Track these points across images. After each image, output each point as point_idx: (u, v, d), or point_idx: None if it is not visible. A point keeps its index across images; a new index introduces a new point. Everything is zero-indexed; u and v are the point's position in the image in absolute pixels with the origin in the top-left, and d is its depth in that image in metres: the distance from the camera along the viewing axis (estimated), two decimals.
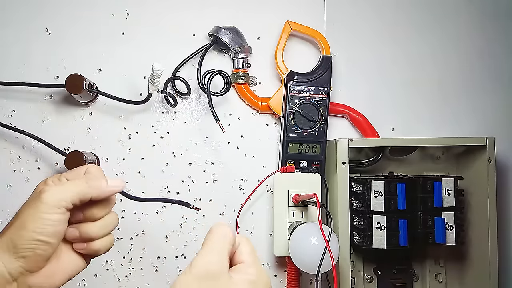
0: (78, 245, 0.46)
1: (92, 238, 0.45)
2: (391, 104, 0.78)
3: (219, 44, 0.74)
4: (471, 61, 0.80)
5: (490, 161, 0.68)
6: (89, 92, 0.67)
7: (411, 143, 0.70)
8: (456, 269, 0.75)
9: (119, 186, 0.46)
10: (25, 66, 0.72)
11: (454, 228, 0.68)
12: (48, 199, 0.42)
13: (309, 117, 0.71)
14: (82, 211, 0.45)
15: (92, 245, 0.46)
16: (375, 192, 0.66)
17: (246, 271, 0.40)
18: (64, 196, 0.42)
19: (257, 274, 0.40)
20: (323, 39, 0.73)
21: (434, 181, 0.68)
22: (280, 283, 0.75)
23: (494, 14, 0.80)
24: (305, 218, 0.68)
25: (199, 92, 0.74)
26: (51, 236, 0.41)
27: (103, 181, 0.45)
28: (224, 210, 0.74)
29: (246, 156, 0.75)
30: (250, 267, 0.41)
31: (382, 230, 0.66)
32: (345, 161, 0.67)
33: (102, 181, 0.45)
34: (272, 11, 0.76)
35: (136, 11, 0.74)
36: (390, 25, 0.79)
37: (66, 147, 0.72)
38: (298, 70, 0.72)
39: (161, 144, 0.74)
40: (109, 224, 0.47)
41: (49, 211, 0.41)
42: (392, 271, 0.73)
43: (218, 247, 0.41)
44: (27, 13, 0.72)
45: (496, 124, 0.79)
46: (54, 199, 0.42)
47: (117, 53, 0.73)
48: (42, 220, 0.41)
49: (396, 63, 0.79)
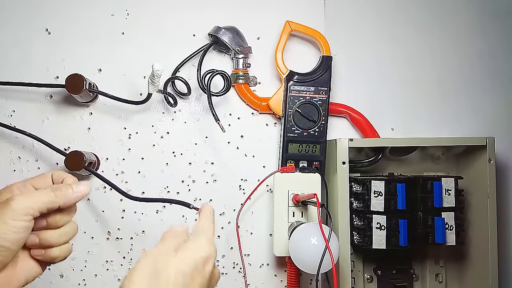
0: (36, 252, 0.46)
1: (52, 245, 0.45)
2: (391, 104, 0.78)
3: (219, 44, 0.74)
4: (471, 61, 0.80)
5: (490, 161, 0.68)
6: (89, 92, 0.67)
7: (411, 143, 0.70)
8: (456, 269, 0.74)
9: (85, 191, 0.46)
10: (25, 66, 0.72)
11: (454, 228, 0.68)
12: (17, 206, 0.42)
13: (309, 117, 0.71)
14: (46, 218, 0.45)
15: (50, 252, 0.46)
16: (375, 192, 0.66)
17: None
18: (32, 204, 0.42)
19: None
20: (323, 39, 0.73)
21: (434, 181, 0.68)
22: (280, 283, 0.75)
23: (493, 13, 0.80)
24: (305, 218, 0.68)
25: (199, 92, 0.74)
26: (13, 242, 0.41)
27: (69, 189, 0.45)
28: (224, 210, 0.74)
29: (246, 156, 0.75)
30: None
31: (382, 230, 0.66)
32: (345, 161, 0.67)
33: (68, 190, 0.45)
34: (272, 11, 0.76)
35: (136, 11, 0.74)
36: (390, 25, 0.79)
37: (66, 147, 0.72)
38: (298, 70, 0.72)
39: (161, 144, 0.74)
40: (69, 232, 0.47)
41: (16, 218, 0.41)
42: (392, 271, 0.73)
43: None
44: (27, 13, 0.72)
45: (496, 124, 0.79)
46: (22, 207, 0.42)
47: (117, 53, 0.73)
48: (7, 226, 0.41)
49: (396, 63, 0.79)
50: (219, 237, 0.74)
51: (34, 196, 0.44)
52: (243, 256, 0.72)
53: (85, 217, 0.72)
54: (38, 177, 0.49)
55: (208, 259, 0.42)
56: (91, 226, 0.72)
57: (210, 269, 0.42)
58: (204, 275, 0.41)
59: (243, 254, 0.73)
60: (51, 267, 0.70)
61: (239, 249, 0.72)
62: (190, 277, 0.40)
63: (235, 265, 0.74)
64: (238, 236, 0.72)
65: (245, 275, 0.72)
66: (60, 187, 0.45)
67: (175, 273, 0.39)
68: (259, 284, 0.74)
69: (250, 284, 0.73)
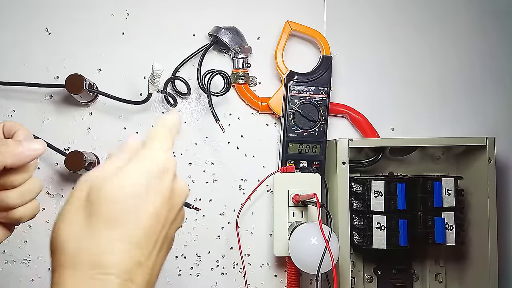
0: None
1: (12, 207, 0.40)
2: (391, 104, 0.78)
3: (219, 44, 0.74)
4: (471, 61, 0.80)
5: (490, 161, 0.68)
6: (89, 92, 0.67)
7: (411, 143, 0.70)
8: (456, 269, 0.74)
9: (39, 149, 0.40)
10: (25, 66, 0.72)
11: (454, 228, 0.68)
12: None
13: (309, 117, 0.71)
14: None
15: (13, 213, 0.41)
16: (375, 192, 0.66)
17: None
18: None
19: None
20: (323, 39, 0.73)
21: (434, 181, 0.68)
22: (280, 283, 0.75)
23: (493, 13, 0.80)
24: (305, 218, 0.68)
25: (199, 92, 0.74)
26: None
27: (19, 147, 0.39)
28: (224, 210, 0.74)
29: (246, 156, 0.75)
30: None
31: (382, 230, 0.66)
32: (345, 161, 0.67)
33: (18, 147, 0.39)
34: (272, 11, 0.76)
35: (136, 11, 0.74)
36: (390, 25, 0.79)
37: (66, 147, 0.72)
38: (298, 70, 0.72)
39: None
40: (30, 191, 0.41)
41: None
42: (392, 271, 0.73)
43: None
44: (27, 13, 0.72)
45: (496, 124, 0.79)
46: None
47: (117, 53, 0.73)
48: None
49: (396, 63, 0.79)
50: (219, 237, 0.74)
51: None
52: (243, 256, 0.72)
53: None
54: None
55: (164, 171, 0.34)
56: None
57: (168, 184, 0.34)
58: (162, 192, 0.33)
59: (243, 254, 0.73)
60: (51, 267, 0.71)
61: (239, 249, 0.72)
62: (140, 194, 0.32)
63: (235, 265, 0.74)
64: (238, 236, 0.72)
65: (245, 275, 0.72)
66: (8, 143, 0.39)
67: (115, 195, 0.31)
68: (259, 284, 0.74)
69: (250, 284, 0.73)
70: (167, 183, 0.34)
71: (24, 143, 0.39)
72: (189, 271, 0.73)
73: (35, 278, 0.71)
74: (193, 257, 0.73)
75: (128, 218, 0.31)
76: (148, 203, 0.32)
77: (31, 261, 0.71)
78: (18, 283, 0.70)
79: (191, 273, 0.73)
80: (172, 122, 0.38)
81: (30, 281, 0.71)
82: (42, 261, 0.71)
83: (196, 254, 0.73)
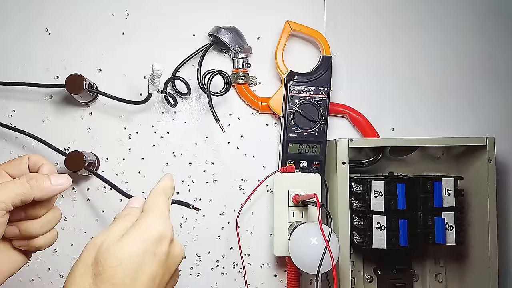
0: (19, 243, 0.43)
1: (34, 236, 0.43)
2: (391, 104, 0.78)
3: (219, 44, 0.74)
4: (471, 61, 0.80)
5: (490, 161, 0.68)
6: (89, 92, 0.67)
7: (411, 143, 0.70)
8: (456, 269, 0.75)
9: (65, 184, 0.43)
10: (25, 66, 0.72)
11: (454, 228, 0.68)
12: None
13: (309, 117, 0.71)
14: (24, 210, 0.42)
15: (34, 242, 0.43)
16: (375, 192, 0.66)
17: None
18: (4, 198, 0.39)
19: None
20: (323, 39, 0.73)
21: (434, 181, 0.68)
22: (280, 283, 0.75)
23: (493, 13, 0.80)
24: (305, 218, 0.68)
25: (199, 92, 0.74)
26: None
27: (47, 182, 0.42)
28: (224, 210, 0.74)
29: (246, 156, 0.75)
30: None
31: (382, 230, 0.66)
32: (345, 161, 0.67)
33: (45, 181, 0.42)
34: (272, 11, 0.76)
35: (136, 11, 0.74)
36: (390, 25, 0.79)
37: (66, 147, 0.72)
38: (298, 70, 0.72)
39: (161, 144, 0.74)
40: (51, 221, 0.44)
41: None
42: (392, 271, 0.73)
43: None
44: (27, 13, 0.72)
45: (496, 124, 0.79)
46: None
47: (117, 53, 0.73)
48: None
49: (396, 63, 0.79)
50: (219, 237, 0.74)
51: (6, 187, 0.40)
52: (243, 256, 0.72)
53: (85, 217, 0.72)
54: (13, 161, 0.45)
55: (161, 238, 0.38)
56: (91, 226, 0.72)
57: (165, 249, 0.38)
58: (159, 256, 0.37)
59: (243, 254, 0.73)
60: (51, 267, 0.71)
61: (239, 249, 0.72)
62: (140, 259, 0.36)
63: (235, 265, 0.74)
64: (238, 236, 0.72)
65: (245, 275, 0.72)
66: (37, 178, 0.41)
67: (118, 259, 0.35)
68: (259, 284, 0.74)
69: (250, 284, 0.73)
70: (164, 248, 0.38)
71: (52, 178, 0.42)
72: (189, 271, 0.73)
73: (35, 278, 0.71)
74: (193, 257, 0.73)
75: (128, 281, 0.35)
76: (146, 267, 0.36)
77: (31, 261, 0.70)
78: (18, 283, 0.70)
79: (191, 273, 0.73)
80: (167, 186, 0.44)
81: (30, 281, 0.71)
82: (42, 261, 0.71)
83: (196, 254, 0.74)
